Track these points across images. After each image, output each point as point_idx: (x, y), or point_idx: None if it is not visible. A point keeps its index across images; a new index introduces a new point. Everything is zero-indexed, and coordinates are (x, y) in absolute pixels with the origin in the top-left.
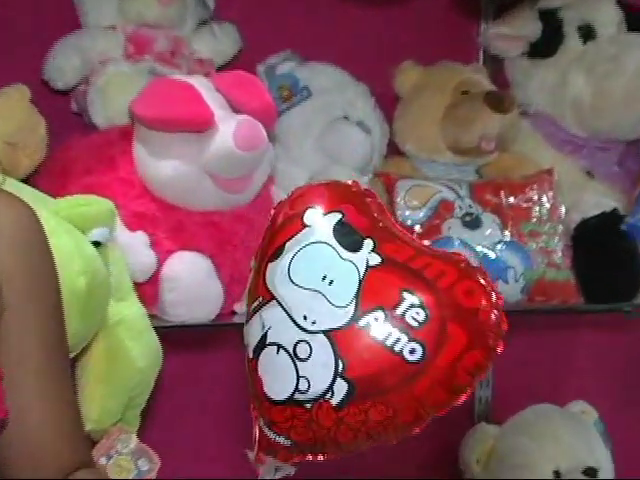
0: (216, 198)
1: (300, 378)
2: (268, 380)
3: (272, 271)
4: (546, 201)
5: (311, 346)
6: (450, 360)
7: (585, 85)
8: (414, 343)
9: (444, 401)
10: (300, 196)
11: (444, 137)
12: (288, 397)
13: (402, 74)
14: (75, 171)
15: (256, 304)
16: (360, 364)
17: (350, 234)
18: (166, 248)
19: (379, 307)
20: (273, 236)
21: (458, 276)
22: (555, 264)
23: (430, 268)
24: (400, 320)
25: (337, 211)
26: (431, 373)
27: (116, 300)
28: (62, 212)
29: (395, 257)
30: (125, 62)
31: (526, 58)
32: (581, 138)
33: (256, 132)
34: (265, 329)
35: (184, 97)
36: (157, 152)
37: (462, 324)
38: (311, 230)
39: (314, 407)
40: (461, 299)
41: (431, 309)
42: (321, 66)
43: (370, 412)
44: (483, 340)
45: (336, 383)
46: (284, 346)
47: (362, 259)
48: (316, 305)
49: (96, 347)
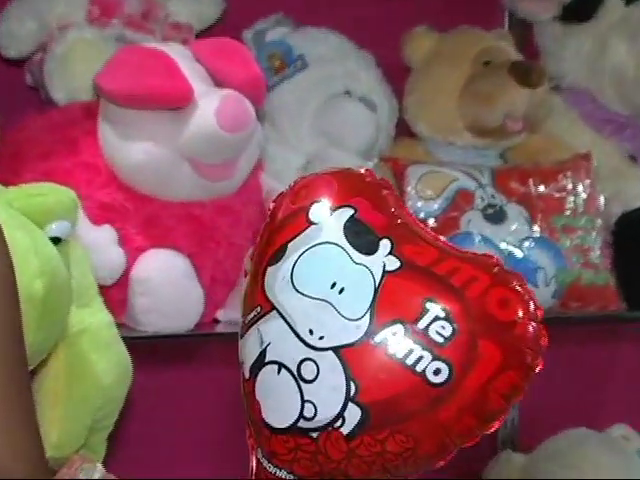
0: (195, 187)
1: (305, 403)
2: (268, 405)
3: (272, 276)
4: (582, 191)
5: (318, 365)
6: (481, 382)
7: (627, 54)
8: (439, 362)
9: (473, 429)
10: (304, 188)
11: (462, 116)
12: (291, 425)
13: (413, 41)
14: (30, 155)
15: (253, 315)
16: (376, 387)
17: (364, 233)
18: (137, 245)
19: (398, 320)
20: (273, 235)
21: (491, 283)
22: (592, 264)
23: (458, 273)
24: (423, 335)
25: (348, 206)
26: (459, 397)
27: (78, 306)
28: (15, 203)
29: (416, 260)
30: (89, 27)
31: (559, 23)
32: (623, 116)
33: (242, 110)
34: (264, 345)
35: (158, 68)
36: (126, 133)
37: (495, 340)
38: (318, 228)
39: (321, 437)
40: (494, 310)
41: (459, 322)
42: (318, 32)
43: (387, 443)
44: (519, 358)
45: (347, 409)
46: (286, 365)
47: (378, 263)
48: (324, 317)
49: (55, 361)
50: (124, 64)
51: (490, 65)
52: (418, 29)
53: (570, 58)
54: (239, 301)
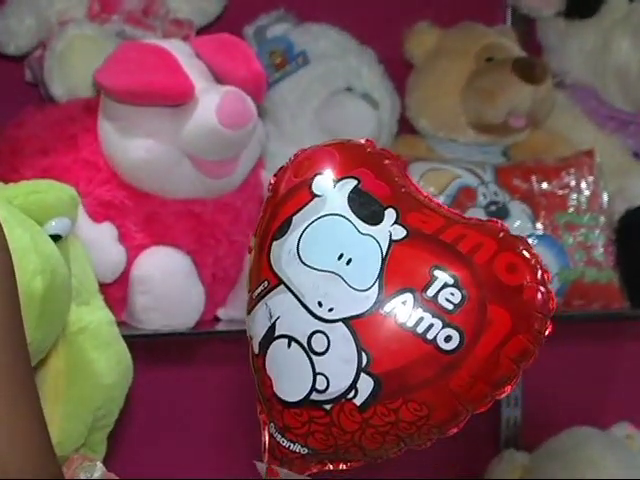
0: (196, 184)
1: (317, 375)
2: (279, 379)
3: (278, 250)
4: (585, 188)
5: (329, 337)
6: (492, 347)
7: (631, 51)
8: (450, 329)
9: (486, 394)
10: (306, 160)
11: (465, 112)
12: (304, 398)
13: (415, 38)
14: (30, 152)
15: (260, 289)
16: (387, 356)
17: (369, 204)
18: (138, 242)
19: (407, 289)
20: (276, 209)
21: (498, 248)
22: (596, 262)
23: (465, 240)
24: (432, 303)
25: (352, 177)
26: (470, 363)
27: (78, 304)
28: (15, 200)
29: (423, 228)
30: (89, 23)
31: (562, 19)
32: (627, 113)
33: (243, 106)
34: (273, 319)
35: (158, 64)
36: (127, 130)
37: (505, 305)
38: (322, 200)
39: (335, 409)
40: (502, 275)
41: (468, 288)
42: (320, 28)
43: (400, 411)
44: (529, 322)
45: (360, 380)
46: (297, 338)
47: (384, 232)
48: (333, 289)
49: (55, 359)
50: (124, 60)
51: (493, 61)
52: (420, 25)
53: (573, 54)
54: (240, 299)
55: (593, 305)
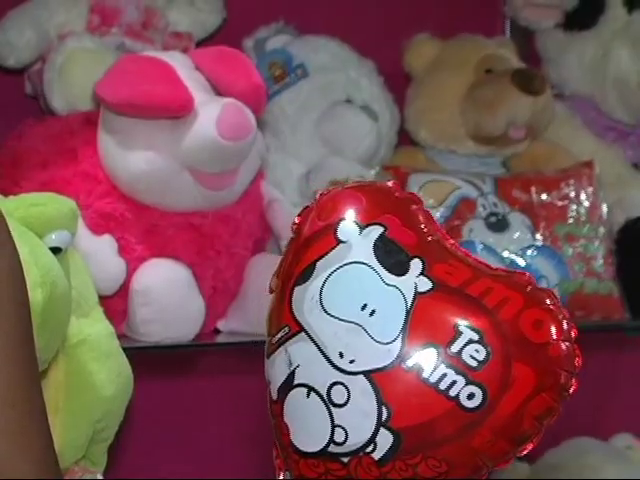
0: (196, 196)
1: (336, 427)
2: (297, 428)
3: (300, 296)
4: (585, 199)
5: (349, 389)
6: (515, 405)
7: (631, 61)
8: (473, 387)
9: (507, 452)
10: (331, 202)
11: (464, 124)
12: (321, 449)
13: (414, 49)
14: (29, 164)
15: (280, 335)
16: (408, 412)
17: (394, 253)
18: (137, 255)
19: (430, 343)
20: (300, 252)
21: (524, 304)
22: (596, 273)
23: (491, 294)
24: (456, 359)
25: (378, 224)
26: (493, 421)
27: (78, 316)
28: (15, 213)
29: (449, 281)
30: (88, 36)
31: (561, 30)
32: (626, 124)
33: (243, 118)
34: (293, 367)
35: (158, 77)
36: (127, 142)
37: (529, 362)
38: (347, 247)
39: (352, 462)
40: (528, 332)
41: (493, 345)
42: (319, 40)
43: (419, 468)
44: (554, 379)
45: (379, 434)
46: (316, 389)
47: (409, 284)
48: (355, 340)
49: (55, 372)
50: (124, 73)
51: (492, 73)
52: (419, 37)
53: (572, 66)
54: (240, 311)
55: (593, 316)
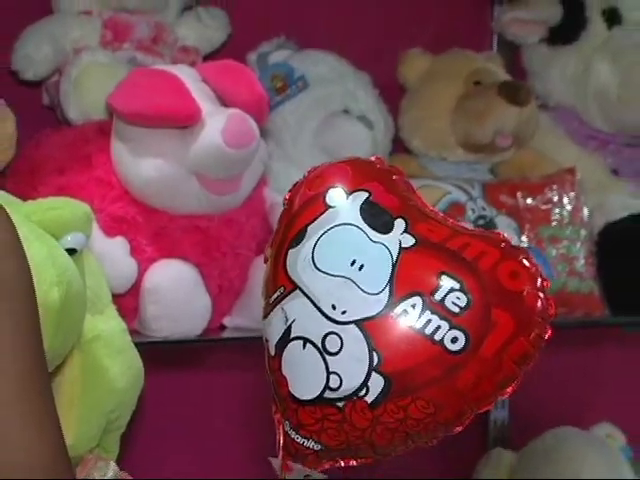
0: (203, 201)
1: (330, 374)
2: (294, 378)
3: (294, 258)
4: (567, 203)
5: (342, 338)
6: (496, 349)
7: (611, 74)
8: (456, 331)
9: (489, 395)
10: (319, 176)
11: (455, 132)
12: (317, 396)
13: (408, 63)
14: (47, 171)
15: (276, 295)
16: (397, 356)
17: (379, 214)
18: (148, 256)
19: (416, 292)
20: (292, 220)
21: (500, 256)
22: (577, 273)
23: (469, 248)
24: (440, 306)
25: (363, 190)
26: (475, 364)
27: (92, 314)
28: (33, 216)
29: (430, 237)
30: (102, 50)
31: (545, 45)
32: (607, 133)
33: (247, 127)
34: (289, 322)
35: (167, 89)
36: (138, 150)
37: (508, 309)
38: (335, 211)
39: (347, 406)
40: (505, 281)
41: (473, 293)
42: (319, 54)
43: (409, 409)
44: (530, 326)
45: (371, 378)
46: (311, 340)
47: (394, 241)
48: (346, 293)
49: (70, 366)
50: (136, 85)
51: (480, 85)
52: (412, 51)
53: (556, 78)
54: (244, 308)
55: (575, 313)
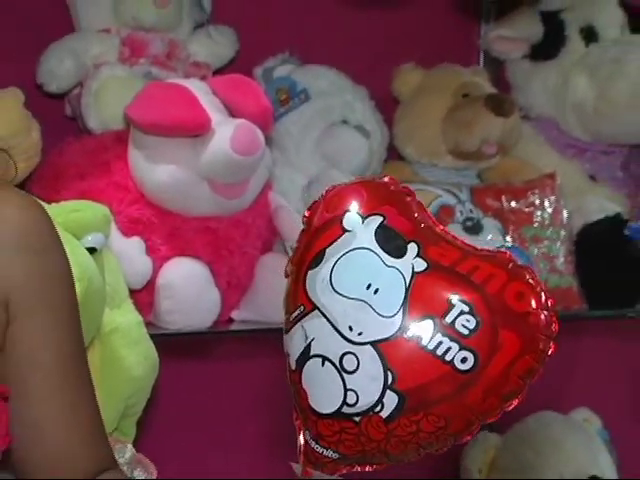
0: (213, 204)
1: (348, 391)
2: (313, 393)
3: (313, 279)
4: (548, 206)
5: (358, 358)
6: (503, 367)
7: (588, 88)
8: (465, 352)
9: (496, 407)
10: (337, 196)
11: (445, 141)
12: (336, 411)
13: (401, 77)
14: (69, 176)
15: (297, 313)
16: (410, 375)
17: (393, 238)
18: (162, 254)
19: (428, 316)
20: (311, 241)
21: (507, 278)
22: (557, 270)
23: (478, 271)
24: (450, 328)
25: (378, 214)
26: (483, 381)
27: (111, 308)
28: (56, 218)
29: (441, 261)
30: (120, 65)
31: (527, 61)
32: (584, 142)
33: (253, 136)
34: (308, 340)
35: (180, 101)
36: (153, 157)
37: (514, 329)
38: (352, 235)
39: (363, 420)
40: (512, 303)
41: (482, 315)
42: (319, 69)
43: (421, 423)
44: (535, 344)
45: (386, 395)
46: (330, 358)
47: (407, 265)
48: (362, 315)
49: (91, 355)
50: (151, 97)
51: (468, 97)
52: (405, 66)
53: (537, 91)
54: (251, 303)
55: (555, 307)
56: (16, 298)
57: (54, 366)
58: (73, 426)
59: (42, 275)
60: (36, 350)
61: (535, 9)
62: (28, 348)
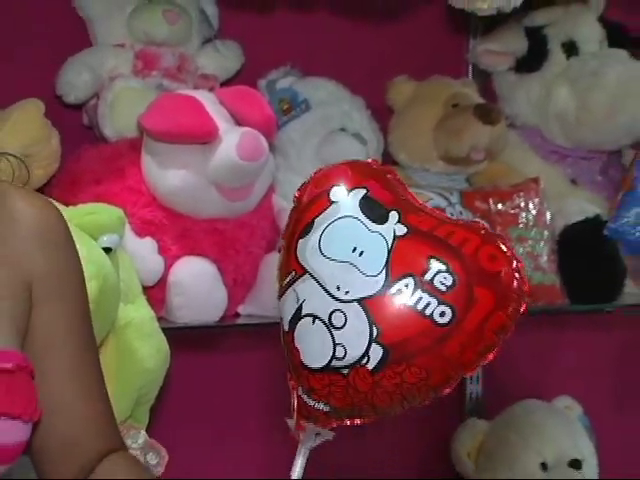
0: (220, 206)
1: (336, 346)
2: (305, 350)
3: (303, 247)
4: (532, 208)
5: (346, 315)
6: (478, 322)
7: (569, 98)
8: (444, 306)
9: (473, 361)
10: (324, 176)
11: (436, 148)
12: (326, 365)
13: (395, 88)
14: (86, 180)
15: (289, 279)
16: (393, 329)
17: (376, 207)
18: (173, 253)
19: (408, 274)
20: (301, 215)
21: (481, 242)
22: (541, 268)
23: (454, 235)
24: (429, 285)
25: (361, 187)
26: (460, 334)
27: (125, 303)
28: (74, 220)
29: (420, 227)
30: (134, 78)
31: (513, 73)
32: (566, 148)
33: (258, 143)
34: (300, 301)
35: (190, 110)
36: (164, 163)
37: (488, 287)
38: (338, 206)
39: (351, 373)
40: (485, 264)
41: (458, 274)
42: (319, 80)
43: (404, 375)
44: (507, 302)
45: (371, 349)
46: (319, 316)
47: (389, 230)
48: (348, 276)
49: (107, 348)
50: (162, 107)
51: (458, 107)
52: (399, 78)
53: (522, 102)
54: (256, 298)
55: (539, 302)
56: (37, 286)
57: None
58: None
59: (59, 268)
60: (53, 336)
61: (520, 25)
62: (46, 334)
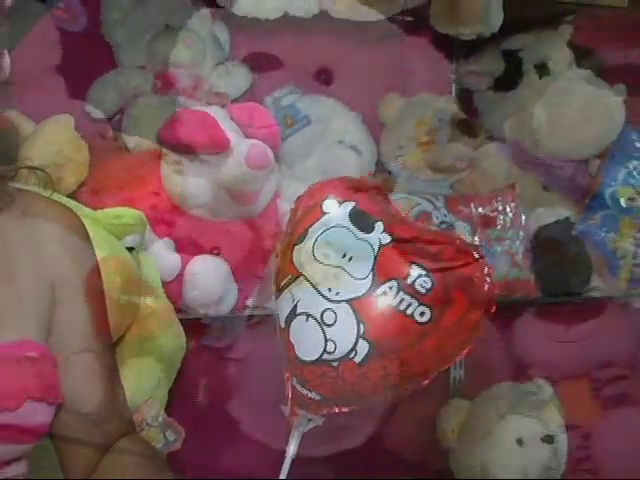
0: (231, 210)
1: (327, 341)
2: (299, 344)
3: (298, 253)
4: (509, 211)
5: (336, 313)
6: (454, 320)
7: (542, 114)
8: (423, 307)
9: (449, 355)
10: (318, 189)
11: (423, 158)
12: (317, 358)
13: (386, 105)
14: (112, 187)
15: (285, 281)
16: (378, 327)
17: (364, 218)
18: (189, 252)
19: (393, 278)
20: (297, 224)
21: (457, 250)
22: (517, 264)
23: (433, 244)
24: (411, 288)
25: (351, 200)
26: (438, 332)
27: (147, 296)
28: (101, 222)
29: (403, 236)
30: (154, 96)
31: (492, 91)
32: (539, 158)
33: (264, 154)
34: (295, 301)
35: (204, 125)
36: (181, 171)
37: (463, 290)
38: (330, 216)
39: (340, 365)
40: (460, 269)
41: (436, 278)
42: (319, 98)
43: (388, 368)
44: (479, 303)
45: (359, 344)
46: (312, 315)
47: (375, 238)
48: (339, 279)
49: (130, 336)
50: (180, 122)
51: (442, 121)
52: (390, 96)
53: (500, 117)
54: (263, 292)
55: (515, 295)
56: (60, 285)
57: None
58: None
59: (80, 269)
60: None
61: (498, 48)
62: (68, 329)
